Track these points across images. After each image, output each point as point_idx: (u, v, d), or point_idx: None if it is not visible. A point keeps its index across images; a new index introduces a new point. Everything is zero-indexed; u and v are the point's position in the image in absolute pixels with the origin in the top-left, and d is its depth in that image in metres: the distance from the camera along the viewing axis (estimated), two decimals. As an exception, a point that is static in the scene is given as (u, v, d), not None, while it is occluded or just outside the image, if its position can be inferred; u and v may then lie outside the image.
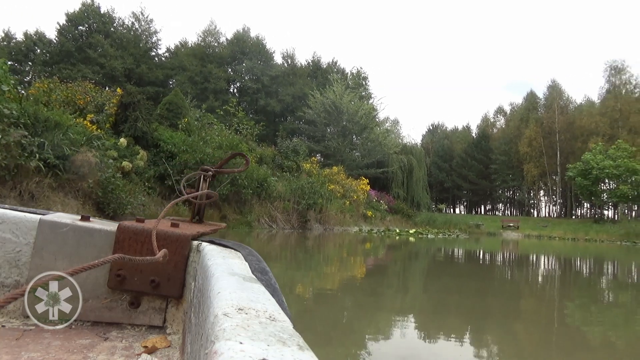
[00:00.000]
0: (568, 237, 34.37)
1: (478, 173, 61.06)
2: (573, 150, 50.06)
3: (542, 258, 14.78)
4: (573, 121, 52.14)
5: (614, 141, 42.30)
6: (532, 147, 53.86)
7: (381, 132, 34.97)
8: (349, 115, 33.32)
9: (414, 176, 36.45)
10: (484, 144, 62.49)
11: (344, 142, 33.84)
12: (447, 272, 9.06)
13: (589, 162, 40.23)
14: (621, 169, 38.54)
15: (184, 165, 11.89)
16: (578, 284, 8.48)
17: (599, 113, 48.84)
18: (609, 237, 32.56)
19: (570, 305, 5.78)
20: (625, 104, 46.88)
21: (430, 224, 31.38)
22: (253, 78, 42.96)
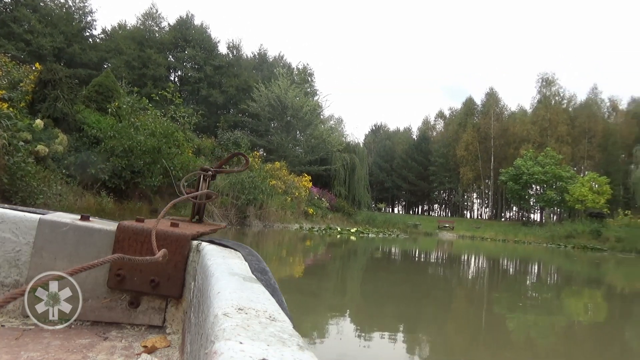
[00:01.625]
0: (499, 238, 35.81)
1: (417, 174, 62.62)
2: (506, 156, 52.50)
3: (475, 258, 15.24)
4: (507, 128, 54.69)
5: (543, 148, 44.73)
6: (469, 151, 55.96)
7: (325, 130, 34.69)
8: (293, 111, 32.75)
9: (356, 175, 36.49)
10: (424, 146, 64.19)
11: (287, 137, 33.24)
12: (387, 269, 9.07)
13: (520, 168, 42.24)
14: (548, 175, 40.76)
15: (111, 153, 10.78)
16: (505, 282, 8.95)
17: (530, 121, 51.50)
18: (536, 239, 34.22)
19: (495, 300, 6.25)
20: (554, 114, 49.72)
21: (371, 223, 31.51)
22: (195, 67, 41.26)
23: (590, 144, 49.24)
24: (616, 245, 27.20)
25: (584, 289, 8.85)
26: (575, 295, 7.59)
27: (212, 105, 40.57)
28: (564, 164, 43.24)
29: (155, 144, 11.45)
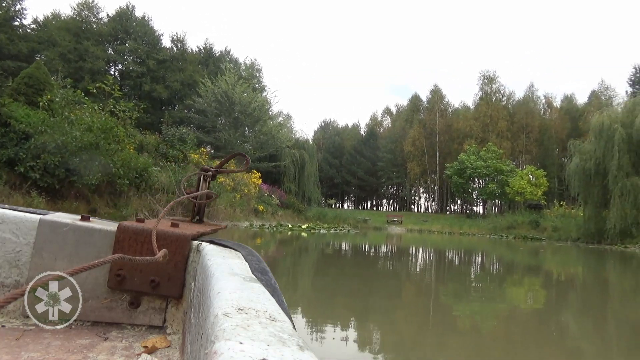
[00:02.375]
0: (445, 231, 36.92)
1: (366, 170, 63.40)
2: (450, 151, 54.17)
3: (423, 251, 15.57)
4: (451, 124, 56.46)
5: (485, 144, 46.52)
6: (416, 147, 57.29)
7: (274, 126, 34.28)
8: (241, 107, 32.10)
9: (306, 171, 36.40)
10: (372, 142, 65.06)
11: (235, 133, 32.57)
12: (338, 265, 9.07)
13: (464, 162, 43.72)
14: (490, 169, 42.46)
15: (42, 149, 9.96)
16: (451, 273, 9.29)
17: (473, 117, 53.39)
18: (480, 230, 35.56)
19: (442, 290, 6.48)
20: (495, 110, 51.82)
21: (321, 219, 31.54)
22: (137, 61, 39.49)
23: (528, 139, 51.76)
24: (553, 235, 28.70)
25: (524, 277, 9.23)
26: (516, 283, 7.90)
27: (155, 101, 39.05)
28: (504, 158, 45.23)
29: (93, 139, 10.72)
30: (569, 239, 26.58)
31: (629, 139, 22.38)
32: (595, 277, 10.14)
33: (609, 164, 22.82)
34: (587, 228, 24.94)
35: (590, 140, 25.05)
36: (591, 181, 24.21)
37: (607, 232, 22.70)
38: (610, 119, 23.73)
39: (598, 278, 9.90)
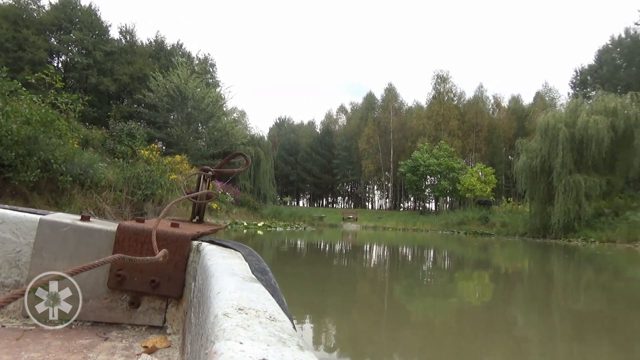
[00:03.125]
0: (399, 227, 37.48)
1: (321, 167, 63.53)
2: (404, 149, 55.16)
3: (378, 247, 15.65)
4: (405, 122, 57.52)
5: (437, 142, 47.64)
6: (370, 145, 57.94)
7: (229, 122, 33.57)
8: (194, 102, 31.21)
9: (261, 168, 35.95)
10: (327, 140, 65.26)
11: (188, 129, 31.65)
12: (294, 262, 8.89)
13: (417, 160, 44.61)
14: (442, 167, 43.55)
15: (-29, 144, 9.14)
16: (405, 269, 9.42)
17: (426, 116, 54.55)
18: (432, 227, 36.35)
19: (396, 286, 6.63)
20: (447, 109, 53.17)
21: (277, 217, 31.23)
22: (83, 52, 37.52)
23: (478, 137, 53.49)
24: (501, 230, 29.72)
25: (475, 271, 9.43)
26: (467, 278, 8.09)
27: (103, 95, 37.25)
28: (455, 156, 46.50)
29: (31, 133, 9.95)
30: (516, 233, 27.60)
31: (572, 138, 23.45)
32: (540, 269, 10.47)
33: (554, 162, 23.84)
34: (533, 223, 25.96)
35: (536, 139, 26.06)
36: (537, 178, 25.21)
37: (551, 226, 23.71)
38: (555, 119, 24.78)
39: (543, 271, 10.23)
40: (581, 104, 25.78)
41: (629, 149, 23.28)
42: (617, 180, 24.60)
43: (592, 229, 22.22)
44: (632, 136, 22.94)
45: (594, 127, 22.67)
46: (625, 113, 23.02)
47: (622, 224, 21.24)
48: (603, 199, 24.02)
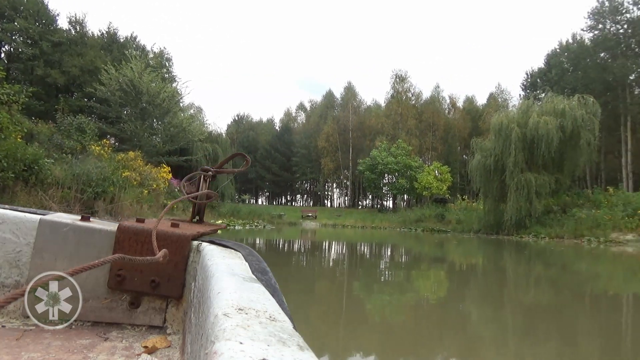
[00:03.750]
0: (358, 225, 37.74)
1: (280, 165, 63.16)
2: (363, 147, 55.66)
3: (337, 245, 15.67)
4: (364, 121, 58.02)
5: (395, 140, 48.31)
6: (329, 143, 58.10)
7: (185, 118, 32.67)
8: (149, 97, 30.13)
9: (219, 166, 35.25)
10: (286, 138, 64.92)
11: (142, 125, 30.55)
12: None
13: (375, 158, 45.05)
14: (400, 165, 44.17)
15: None
16: (363, 266, 9.53)
17: (384, 115, 55.26)
18: (390, 224, 36.81)
19: (355, 283, 6.69)
20: (405, 109, 54.05)
21: (235, 215, 30.74)
22: (28, 42, 35.52)
23: (435, 136, 54.69)
24: (457, 227, 30.45)
25: (431, 267, 9.62)
26: (424, 274, 8.26)
27: (50, 87, 35.42)
28: (413, 154, 47.31)
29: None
30: (471, 230, 28.35)
31: (524, 138, 24.31)
32: (494, 265, 10.78)
33: (507, 161, 24.63)
34: (487, 220, 26.75)
35: (490, 139, 26.83)
36: (491, 176, 25.97)
37: (504, 223, 24.50)
38: (508, 119, 25.60)
39: (496, 266, 10.54)
40: (532, 105, 26.76)
41: (576, 149, 24.39)
42: (565, 178, 25.73)
43: (542, 226, 23.12)
44: (578, 137, 24.03)
45: (544, 127, 23.59)
46: (573, 114, 24.06)
47: (570, 221, 22.20)
48: (552, 197, 25.05)
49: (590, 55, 38.19)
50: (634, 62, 35.71)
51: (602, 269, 10.29)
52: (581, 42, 40.77)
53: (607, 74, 35.97)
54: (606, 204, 23.15)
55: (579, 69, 38.97)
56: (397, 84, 56.41)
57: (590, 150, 24.96)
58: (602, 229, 20.48)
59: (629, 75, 36.07)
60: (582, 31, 40.65)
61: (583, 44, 40.16)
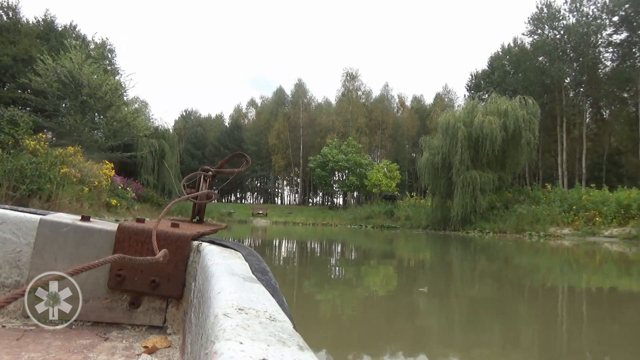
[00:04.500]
0: (309, 222, 37.75)
1: (230, 162, 62.04)
2: (314, 145, 55.73)
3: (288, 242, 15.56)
4: (315, 118, 58.10)
5: (346, 138, 48.72)
6: (280, 140, 57.77)
7: (130, 112, 31.25)
8: (90, 89, 28.55)
9: (166, 162, 34.12)
10: (236, 134, 63.94)
11: (83, 119, 28.92)
12: None
13: (326, 156, 45.23)
14: (351, 162, 44.60)
15: None
16: (314, 262, 9.63)
17: (335, 113, 55.64)
18: (341, 221, 37.08)
19: (306, 279, 6.75)
20: (355, 107, 54.66)
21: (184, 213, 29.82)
22: (-47, 27, 32.79)
23: (384, 134, 55.66)
24: (406, 223, 31.10)
25: (380, 263, 9.71)
26: (373, 269, 8.32)
27: (-21, 77, 32.90)
28: (363, 152, 47.90)
29: None
30: (419, 226, 29.03)
31: (470, 137, 25.16)
32: (440, 260, 11.05)
33: (454, 159, 25.40)
34: (435, 216, 27.49)
35: (438, 137, 27.58)
36: (438, 174, 26.70)
37: (451, 219, 25.27)
38: (455, 119, 26.40)
39: (443, 260, 10.82)
40: (477, 105, 27.74)
41: (517, 147, 25.54)
42: (507, 176, 26.91)
43: (486, 221, 24.04)
44: (520, 136, 25.17)
45: (489, 126, 24.52)
46: (515, 115, 25.16)
47: (512, 216, 23.21)
48: (495, 194, 26.12)
49: (530, 58, 40.08)
50: (569, 67, 37.84)
51: (541, 262, 10.73)
52: (522, 46, 42.70)
53: (545, 77, 37.88)
54: (545, 200, 24.41)
55: (519, 71, 40.80)
56: (348, 82, 56.95)
57: (530, 149, 26.22)
58: (542, 224, 21.56)
59: (565, 78, 38.19)
60: (522, 35, 42.61)
61: (524, 47, 42.07)
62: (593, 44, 37.26)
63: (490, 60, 45.41)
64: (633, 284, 7.16)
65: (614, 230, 18.90)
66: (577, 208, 21.54)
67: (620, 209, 19.42)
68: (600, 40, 37.45)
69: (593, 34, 36.74)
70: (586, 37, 36.62)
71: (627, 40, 36.01)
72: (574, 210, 21.52)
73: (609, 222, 19.55)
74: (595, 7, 37.07)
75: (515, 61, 41.85)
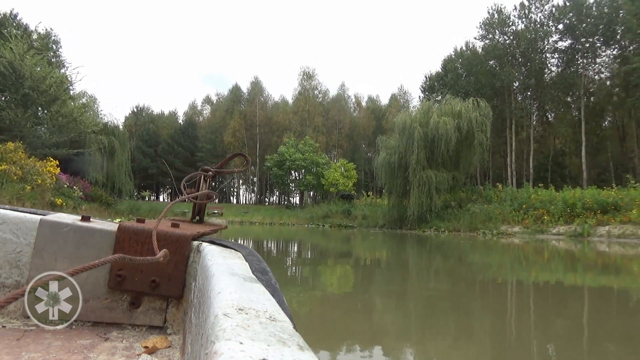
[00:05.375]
0: (266, 221, 37.32)
1: (184, 160, 60.57)
2: (270, 143, 55.27)
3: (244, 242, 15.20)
4: (271, 116, 57.59)
5: (303, 137, 48.56)
6: (236, 138, 56.87)
7: (77, 107, 29.73)
8: (33, 82, 26.94)
9: (116, 160, 32.73)
10: (190, 132, 62.42)
11: (25, 114, 27.21)
12: None
13: (283, 155, 44.92)
14: (308, 162, 44.49)
15: None
16: (270, 262, 9.61)
17: (292, 111, 55.40)
18: (298, 220, 36.89)
19: None
20: (312, 106, 54.64)
21: (135, 213, 28.75)
22: None
23: (340, 134, 55.94)
24: (363, 222, 31.30)
25: (337, 262, 9.75)
26: (330, 268, 8.36)
27: None
28: (320, 151, 47.91)
29: None
30: (377, 225, 29.27)
31: (425, 137, 25.60)
32: (397, 258, 11.17)
33: (410, 158, 25.77)
34: (392, 215, 27.81)
35: (395, 137, 27.91)
36: (395, 173, 27.03)
37: (407, 218, 25.63)
38: (411, 119, 26.81)
39: (399, 259, 10.95)
40: (432, 106, 28.30)
41: (471, 148, 26.25)
42: (460, 176, 27.62)
43: (441, 220, 24.54)
44: (473, 137, 25.86)
45: (444, 127, 25.04)
46: (468, 116, 25.84)
47: (465, 215, 23.81)
48: (449, 193, 26.72)
49: (482, 62, 41.42)
50: (517, 71, 39.38)
51: (493, 259, 11.06)
52: (474, 49, 44.06)
53: (495, 80, 39.26)
54: (496, 200, 25.23)
55: (471, 74, 42.05)
56: (305, 81, 56.83)
57: (482, 149, 27.04)
58: (494, 222, 22.24)
59: (514, 82, 39.72)
60: (475, 40, 43.97)
61: (475, 51, 43.43)
62: (540, 50, 38.99)
63: (444, 63, 46.54)
64: (577, 278, 7.56)
65: (561, 228, 19.73)
66: (526, 207, 22.35)
67: (567, 208, 20.30)
68: (547, 47, 39.25)
69: (540, 40, 38.46)
70: (534, 43, 38.28)
71: (571, 47, 37.92)
72: (523, 209, 22.31)
73: (556, 220, 20.39)
74: (542, 14, 38.89)
75: (467, 64, 43.10)
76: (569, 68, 38.59)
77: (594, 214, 19.23)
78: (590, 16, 35.59)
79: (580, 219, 19.39)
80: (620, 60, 35.90)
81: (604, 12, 35.06)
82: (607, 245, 15.06)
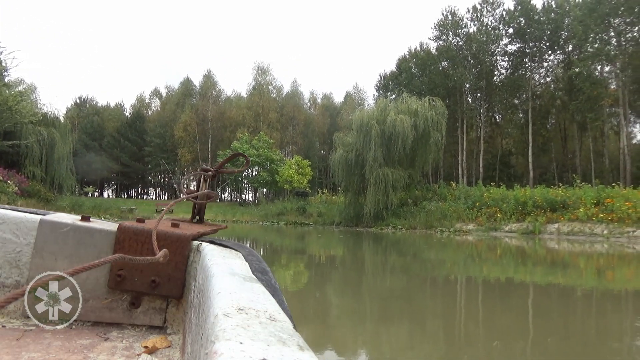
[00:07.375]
0: (219, 219, 36.21)
1: (131, 155, 58.09)
2: (223, 139, 53.94)
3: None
4: (224, 111, 56.19)
5: (257, 133, 47.64)
6: (187, 133, 55.09)
7: (12, 95, 27.56)
8: (-38, 67, 24.73)
9: (57, 153, 30.68)
10: (138, 125, 59.94)
11: (-49, 101, 24.96)
12: None
13: (236, 150, 43.81)
14: (262, 158, 43.67)
15: None
16: None
17: (246, 107, 54.26)
18: (252, 218, 36.10)
19: None
20: (267, 101, 53.76)
21: (77, 210, 27.08)
22: None
23: (295, 130, 55.42)
24: (318, 220, 30.97)
25: (291, 260, 9.79)
26: (284, 266, 8.39)
27: None
28: (274, 148, 47.17)
29: None
30: (332, 223, 29.04)
31: (382, 134, 25.58)
32: (353, 256, 11.18)
33: (367, 156, 25.69)
34: (348, 213, 27.66)
35: (352, 134, 27.76)
36: (352, 170, 26.89)
37: (364, 216, 25.55)
38: (368, 116, 26.74)
39: (355, 256, 10.96)
40: (389, 104, 28.36)
41: (427, 146, 26.52)
42: (416, 174, 27.89)
43: (397, 218, 24.61)
44: (429, 135, 26.13)
45: (401, 125, 25.12)
46: (424, 115, 26.08)
47: (421, 213, 24.00)
48: (405, 191, 26.88)
49: (435, 62, 42.15)
50: (469, 72, 40.37)
51: (447, 256, 11.25)
52: (428, 50, 44.76)
53: (448, 81, 40.06)
54: (450, 198, 25.61)
55: (425, 74, 42.74)
56: (259, 76, 55.84)
57: (437, 148, 27.40)
58: (449, 220, 22.52)
59: (465, 83, 40.70)
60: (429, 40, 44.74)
61: (429, 52, 44.13)
62: (491, 52, 40.15)
63: (398, 62, 46.99)
64: (527, 274, 7.89)
65: (513, 225, 20.23)
66: (479, 205, 22.79)
67: (518, 206, 20.84)
68: (497, 49, 40.47)
69: (491, 42, 39.58)
70: (485, 45, 39.33)
71: (520, 51, 39.32)
72: (477, 207, 22.74)
73: (508, 218, 20.89)
74: (493, 18, 40.04)
75: (421, 64, 43.71)
76: (517, 71, 40.00)
77: (544, 212, 19.85)
78: (538, 21, 36.99)
79: (531, 216, 19.95)
80: (564, 64, 37.61)
81: (551, 17, 36.57)
82: (556, 242, 15.53)
